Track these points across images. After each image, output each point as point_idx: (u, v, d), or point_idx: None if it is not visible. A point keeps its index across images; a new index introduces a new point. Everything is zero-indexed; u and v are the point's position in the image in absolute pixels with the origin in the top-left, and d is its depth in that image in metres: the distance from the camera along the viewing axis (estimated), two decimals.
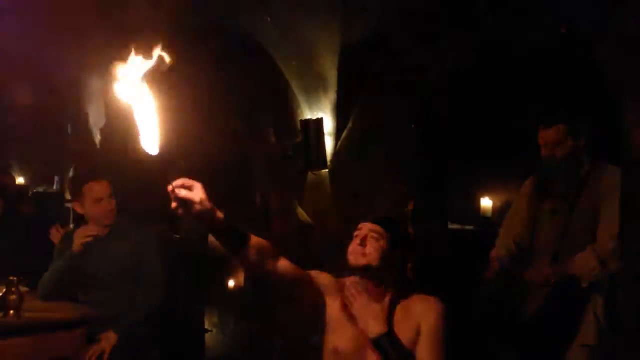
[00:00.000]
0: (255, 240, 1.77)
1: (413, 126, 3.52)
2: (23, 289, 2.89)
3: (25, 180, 7.72)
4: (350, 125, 3.90)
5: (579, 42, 3.00)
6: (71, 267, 3.19)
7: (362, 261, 1.91)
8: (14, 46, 6.62)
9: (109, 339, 3.14)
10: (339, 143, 3.94)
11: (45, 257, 3.60)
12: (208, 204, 1.63)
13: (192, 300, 4.88)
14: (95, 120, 7.07)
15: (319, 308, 1.99)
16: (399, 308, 1.95)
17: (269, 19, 3.85)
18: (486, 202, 4.00)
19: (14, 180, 5.32)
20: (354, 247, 1.94)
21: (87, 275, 3.33)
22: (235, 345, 4.60)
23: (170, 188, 1.59)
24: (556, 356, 2.50)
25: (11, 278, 2.76)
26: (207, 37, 4.62)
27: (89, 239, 3.14)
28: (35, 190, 7.33)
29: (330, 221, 3.89)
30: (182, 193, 1.60)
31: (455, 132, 3.61)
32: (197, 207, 1.61)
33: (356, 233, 1.98)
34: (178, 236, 5.16)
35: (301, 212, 4.07)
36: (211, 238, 5.20)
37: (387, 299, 1.97)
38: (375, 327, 1.90)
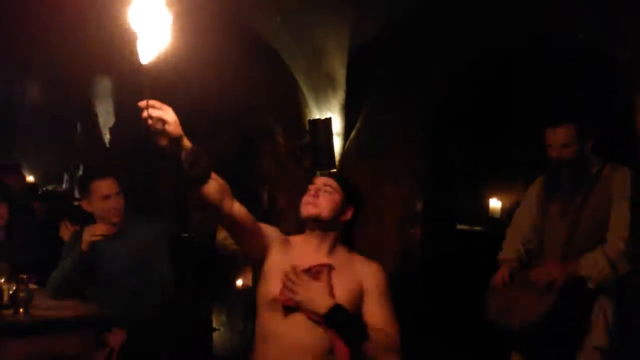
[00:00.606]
0: (216, 177, 1.80)
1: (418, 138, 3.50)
2: (32, 286, 2.91)
3: (35, 178, 7.76)
4: (358, 124, 3.88)
5: (589, 42, 2.97)
6: (79, 265, 3.20)
7: (312, 211, 1.94)
8: (25, 46, 6.67)
9: (117, 337, 3.15)
10: (348, 143, 3.93)
11: (55, 254, 3.62)
12: (179, 127, 1.64)
13: (199, 299, 4.90)
14: (105, 119, 7.10)
15: (262, 259, 2.01)
16: (340, 260, 1.98)
17: (278, 19, 3.83)
18: (495, 203, 3.99)
19: (23, 179, 5.31)
20: (306, 198, 1.96)
21: (96, 273, 3.34)
22: (243, 344, 4.60)
23: (143, 103, 1.56)
24: (566, 358, 2.48)
25: (21, 276, 2.78)
26: (216, 32, 4.62)
27: (98, 237, 3.15)
28: (44, 188, 7.37)
29: None
30: (155, 112, 1.59)
31: (464, 132, 3.60)
32: (170, 127, 1.62)
33: (310, 186, 1.99)
34: (186, 234, 5.17)
35: None
36: (219, 237, 5.22)
37: (327, 249, 2.00)
38: (322, 303, 1.88)
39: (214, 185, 1.80)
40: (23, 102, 8.49)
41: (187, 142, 1.69)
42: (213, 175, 1.79)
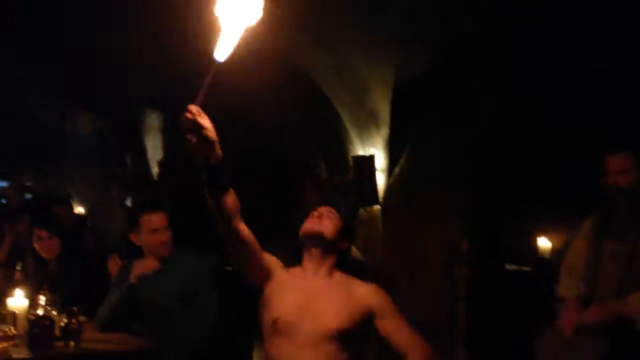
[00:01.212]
0: (233, 192, 1.95)
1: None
2: (81, 318, 2.97)
3: (84, 209, 7.96)
4: (402, 161, 3.87)
5: None
6: (127, 299, 3.26)
7: (316, 228, 2.13)
8: (77, 80, 6.94)
9: None
10: (391, 179, 3.92)
11: (103, 287, 3.69)
12: (214, 133, 1.76)
13: (241, 333, 4.90)
14: (153, 153, 7.27)
15: (261, 285, 2.19)
16: (338, 281, 2.15)
17: (322, 55, 3.90)
18: (544, 243, 3.90)
19: (72, 211, 5.44)
20: (310, 219, 2.17)
21: (143, 306, 3.40)
22: None
23: (192, 107, 1.69)
24: None
25: (72, 308, 2.84)
26: (263, 67, 4.72)
27: (147, 272, 3.20)
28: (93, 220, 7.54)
29: (382, 259, 3.85)
30: (198, 118, 1.70)
31: (511, 169, 3.55)
32: (207, 132, 1.73)
33: (313, 212, 2.19)
34: (229, 268, 5.21)
35: (352, 248, 4.05)
36: None
37: (325, 271, 2.17)
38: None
39: (231, 198, 1.95)
40: (74, 134, 8.79)
41: (219, 151, 1.81)
42: (231, 190, 1.94)
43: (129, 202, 7.92)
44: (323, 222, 2.16)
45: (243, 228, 2.10)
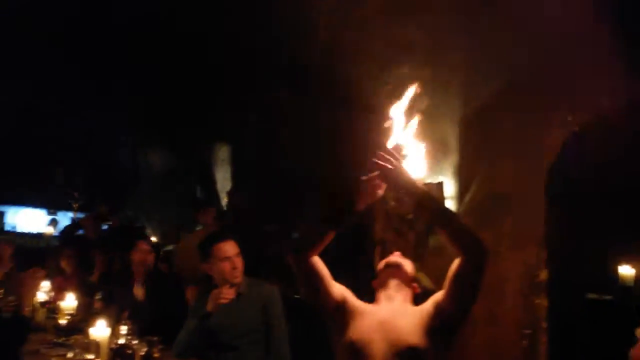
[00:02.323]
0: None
1: None
2: (160, 347, 3.05)
3: (159, 239, 8.21)
4: (473, 188, 3.80)
5: None
6: (204, 327, 3.33)
7: (399, 260, 2.50)
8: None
9: None
10: (462, 207, 3.85)
11: (181, 315, 3.79)
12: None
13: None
14: (222, 184, 7.45)
15: (339, 307, 2.40)
16: (411, 307, 2.41)
17: (388, 84, 3.90)
18: (626, 270, 3.72)
19: (149, 240, 5.64)
20: (392, 256, 2.53)
21: (217, 334, 3.45)
22: None
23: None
24: None
25: (153, 338, 2.92)
26: (326, 98, 4.79)
27: (225, 301, 3.27)
28: (164, 249, 7.76)
29: None
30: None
31: (590, 195, 3.43)
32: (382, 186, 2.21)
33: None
34: (297, 296, 5.23)
35: (422, 277, 3.98)
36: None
37: (400, 300, 2.43)
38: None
39: (330, 239, 2.31)
40: (147, 168, 9.14)
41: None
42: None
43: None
44: (404, 259, 2.50)
45: (317, 260, 2.35)
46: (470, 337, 3.59)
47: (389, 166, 2.17)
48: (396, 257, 2.51)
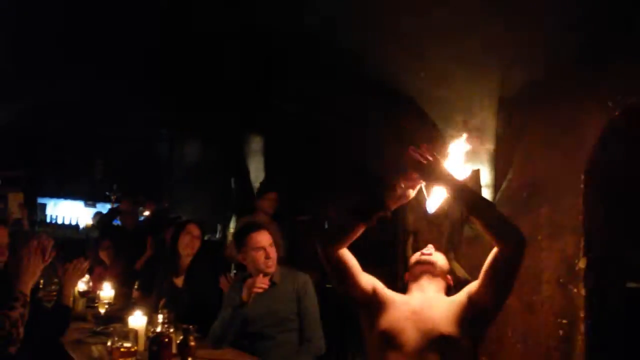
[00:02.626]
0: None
1: None
2: (196, 335, 3.08)
3: None
4: (510, 176, 3.73)
5: None
6: (239, 316, 3.36)
7: (430, 258, 2.49)
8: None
9: None
10: (498, 195, 3.78)
11: (215, 304, 3.83)
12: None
13: (343, 350, 4.90)
14: (255, 175, 7.50)
15: (370, 298, 2.42)
16: (443, 297, 2.42)
17: (422, 74, 3.86)
18: None
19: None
20: (426, 248, 2.54)
21: (251, 323, 3.49)
22: None
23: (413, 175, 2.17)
24: None
25: (189, 326, 2.96)
26: (364, 91, 4.76)
27: (259, 290, 3.30)
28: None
29: None
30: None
31: (630, 181, 3.32)
32: (406, 197, 2.24)
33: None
34: (329, 285, 5.24)
35: (457, 267, 3.95)
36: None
37: (432, 291, 2.45)
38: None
39: (359, 232, 2.32)
40: (182, 159, 9.27)
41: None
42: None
43: (232, 223, 8.20)
44: (435, 253, 2.50)
45: (346, 252, 2.38)
46: (506, 326, 3.55)
47: (423, 160, 2.14)
48: (428, 255, 2.49)
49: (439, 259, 2.48)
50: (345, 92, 4.93)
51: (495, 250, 2.16)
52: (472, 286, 2.28)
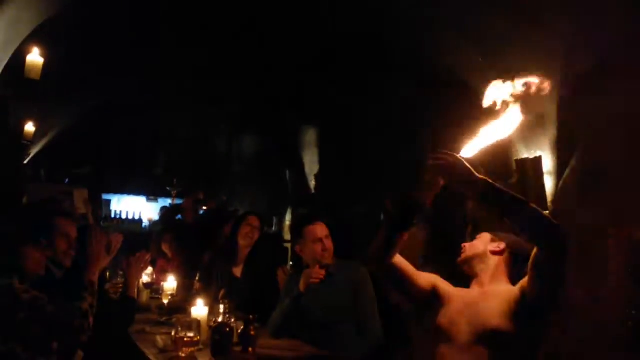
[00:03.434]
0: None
1: None
2: (257, 325, 3.13)
3: None
4: (573, 163, 3.60)
5: None
6: (296, 307, 3.39)
7: (462, 256, 2.43)
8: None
9: None
10: (561, 182, 3.66)
11: (272, 294, 3.88)
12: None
13: (396, 341, 4.86)
14: (310, 167, 7.53)
15: (430, 297, 2.41)
16: (497, 287, 2.31)
17: (480, 59, 3.77)
18: None
19: None
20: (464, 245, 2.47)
21: (309, 314, 3.51)
22: None
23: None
24: None
25: (250, 316, 3.00)
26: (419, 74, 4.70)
27: (316, 281, 3.32)
28: None
29: None
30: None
31: None
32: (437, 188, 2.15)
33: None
34: None
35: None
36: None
37: (487, 280, 2.38)
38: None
39: (403, 240, 2.29)
40: (240, 154, 9.40)
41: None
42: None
43: (288, 216, 8.27)
44: (468, 246, 2.44)
45: (398, 259, 2.38)
46: (570, 317, 3.44)
47: (442, 162, 2.07)
48: (463, 253, 2.44)
49: (474, 244, 2.42)
50: (399, 82, 4.88)
51: (535, 249, 2.03)
52: (524, 281, 2.16)
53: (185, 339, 2.85)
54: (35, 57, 4.45)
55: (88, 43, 5.94)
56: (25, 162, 7.87)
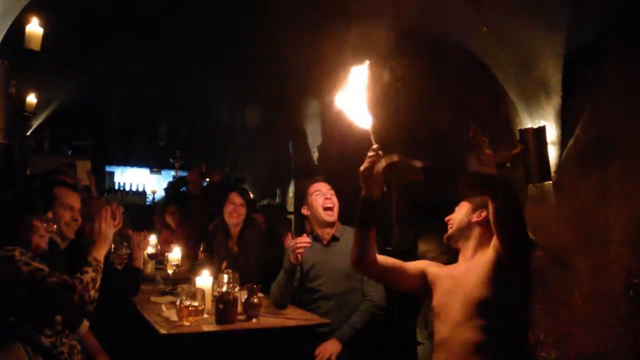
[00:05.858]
0: (375, 232, 2.34)
1: None
2: (260, 295, 3.16)
3: (254, 194, 8.45)
4: (577, 132, 3.57)
5: None
6: (291, 278, 3.42)
7: (445, 235, 2.52)
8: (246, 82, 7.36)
9: (335, 346, 3.29)
10: (565, 152, 3.63)
11: (270, 264, 3.91)
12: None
13: (404, 313, 4.91)
14: (313, 138, 7.50)
15: (422, 283, 2.48)
16: (479, 258, 2.35)
17: (485, 29, 3.71)
18: None
19: (248, 193, 5.81)
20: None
21: (315, 279, 3.54)
22: None
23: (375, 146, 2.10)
24: None
25: (254, 286, 3.04)
26: (423, 47, 4.64)
27: (301, 250, 3.33)
28: (261, 203, 7.99)
29: (555, 238, 3.62)
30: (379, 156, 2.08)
31: None
32: (381, 180, 2.12)
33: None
34: (389, 248, 5.24)
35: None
36: (420, 250, 5.18)
37: (469, 254, 2.46)
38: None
39: (371, 235, 2.37)
40: (243, 125, 9.36)
41: (380, 191, 2.22)
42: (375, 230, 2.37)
43: (291, 187, 8.28)
44: (453, 220, 2.48)
45: (380, 260, 2.43)
46: (573, 286, 3.46)
47: (370, 163, 2.12)
48: (450, 228, 2.48)
49: (459, 221, 2.44)
50: (405, 53, 4.82)
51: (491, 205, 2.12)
52: (495, 240, 2.20)
53: (190, 308, 2.89)
54: (34, 27, 4.41)
55: (86, 14, 5.89)
56: (28, 133, 7.85)
